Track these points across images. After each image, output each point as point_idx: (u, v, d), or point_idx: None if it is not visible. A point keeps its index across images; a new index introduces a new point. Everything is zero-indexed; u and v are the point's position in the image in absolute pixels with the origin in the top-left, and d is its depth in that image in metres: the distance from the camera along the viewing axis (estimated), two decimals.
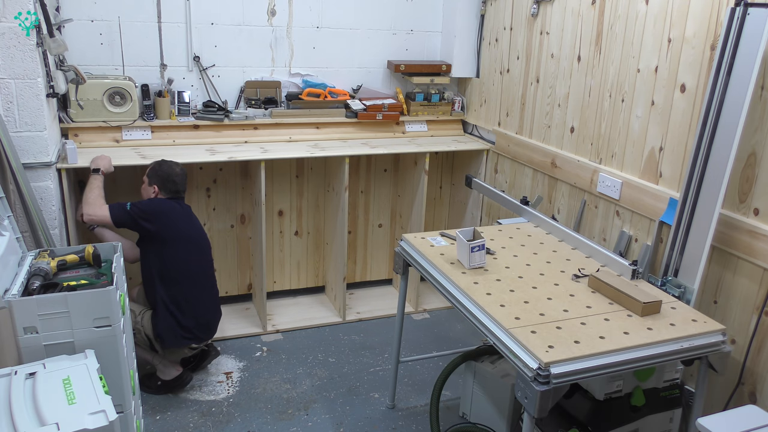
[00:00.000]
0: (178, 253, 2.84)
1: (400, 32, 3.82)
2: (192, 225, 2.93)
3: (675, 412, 2.16)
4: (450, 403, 2.95)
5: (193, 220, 2.95)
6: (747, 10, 1.99)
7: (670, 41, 2.38)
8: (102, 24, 3.22)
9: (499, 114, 3.57)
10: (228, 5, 3.42)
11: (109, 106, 3.18)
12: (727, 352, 1.99)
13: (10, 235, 2.18)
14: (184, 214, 2.91)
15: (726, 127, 2.06)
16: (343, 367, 3.24)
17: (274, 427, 2.76)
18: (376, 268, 4.13)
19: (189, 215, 2.94)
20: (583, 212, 2.90)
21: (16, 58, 2.58)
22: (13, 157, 2.57)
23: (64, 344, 1.94)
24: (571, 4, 2.90)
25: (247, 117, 3.46)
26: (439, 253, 2.49)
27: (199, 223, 3.00)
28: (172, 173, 2.87)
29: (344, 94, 3.69)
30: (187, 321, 2.84)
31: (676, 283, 2.25)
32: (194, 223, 2.96)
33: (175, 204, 2.88)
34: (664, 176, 2.46)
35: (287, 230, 3.84)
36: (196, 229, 2.96)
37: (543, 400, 1.75)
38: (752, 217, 2.10)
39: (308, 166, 3.75)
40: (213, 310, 3.01)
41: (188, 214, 2.94)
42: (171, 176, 2.86)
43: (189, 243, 2.89)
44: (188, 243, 2.88)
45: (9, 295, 1.91)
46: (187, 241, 2.88)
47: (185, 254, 2.87)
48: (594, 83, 2.79)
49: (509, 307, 2.07)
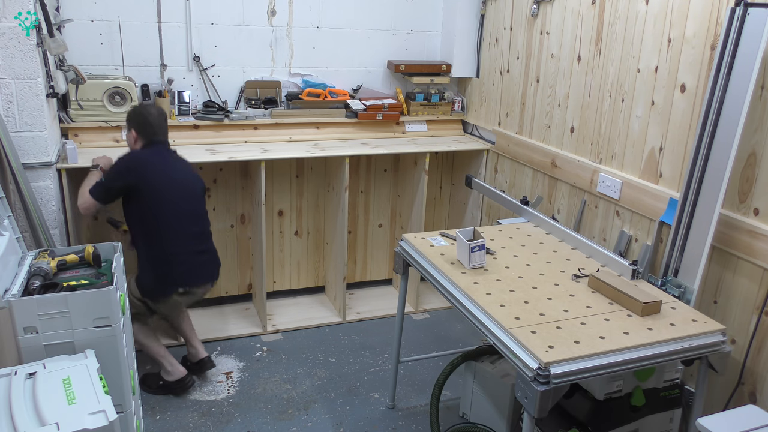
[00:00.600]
0: (156, 204, 2.74)
1: (400, 32, 3.82)
2: (172, 169, 2.81)
3: (675, 412, 2.16)
4: (450, 403, 2.95)
5: (175, 165, 2.84)
6: (747, 10, 1.99)
7: (670, 41, 2.38)
8: (102, 24, 3.22)
9: (499, 114, 3.57)
10: (228, 5, 3.42)
11: (109, 106, 3.18)
12: (727, 352, 1.99)
13: (10, 235, 2.18)
14: (160, 161, 2.80)
15: (726, 127, 2.06)
16: (343, 367, 3.24)
17: (274, 427, 2.76)
18: (376, 268, 4.13)
19: (166, 161, 2.82)
20: (583, 212, 2.90)
21: (16, 58, 2.59)
22: (13, 157, 2.57)
23: (64, 344, 1.94)
24: (571, 4, 2.90)
25: (247, 117, 3.46)
26: (439, 253, 2.49)
27: (184, 165, 2.88)
28: (147, 114, 2.80)
29: (344, 94, 3.69)
30: (172, 268, 2.77)
31: (676, 283, 2.25)
32: (176, 166, 2.84)
33: (147, 153, 2.79)
34: (664, 176, 2.46)
35: (287, 230, 3.84)
36: (179, 172, 2.83)
37: (543, 400, 1.75)
38: (752, 217, 2.10)
39: (308, 166, 3.75)
40: (203, 253, 2.89)
41: (166, 160, 2.82)
42: (147, 118, 2.79)
43: (167, 190, 2.77)
44: (166, 190, 2.76)
45: (9, 295, 1.91)
46: (164, 188, 2.76)
47: (164, 202, 2.76)
48: (594, 83, 2.79)
49: (509, 307, 2.07)
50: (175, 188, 2.80)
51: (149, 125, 2.79)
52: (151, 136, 2.80)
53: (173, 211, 2.79)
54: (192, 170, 2.91)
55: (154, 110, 2.82)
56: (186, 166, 2.89)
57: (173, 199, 2.79)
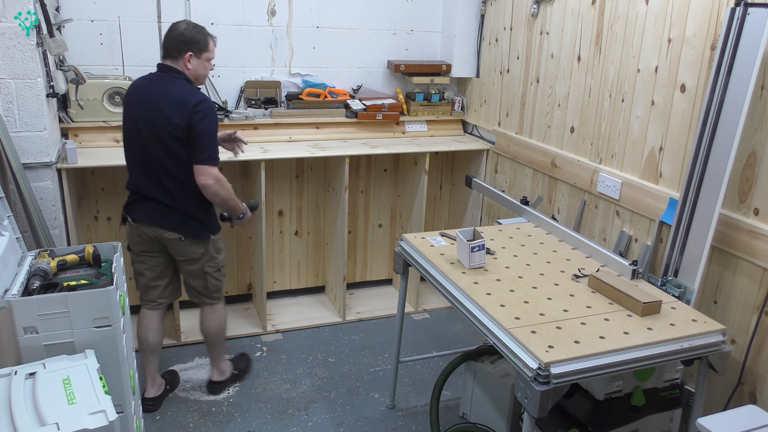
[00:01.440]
0: (124, 136, 2.61)
1: (400, 32, 3.82)
2: (144, 101, 2.51)
3: (675, 412, 2.16)
4: (450, 403, 2.95)
5: (151, 97, 2.49)
6: (747, 10, 1.99)
7: (670, 41, 2.38)
8: (102, 24, 3.22)
9: (499, 114, 3.57)
10: (228, 5, 3.42)
11: (109, 105, 3.18)
12: (727, 352, 1.99)
13: (10, 235, 2.18)
14: (139, 92, 2.56)
15: (726, 127, 2.06)
16: (343, 367, 3.24)
17: (274, 427, 2.76)
18: (376, 268, 4.13)
19: (145, 91, 2.54)
20: (583, 212, 2.90)
21: (16, 58, 2.59)
22: (13, 157, 2.57)
23: (64, 344, 1.93)
24: (571, 4, 2.90)
25: (247, 117, 3.46)
26: (439, 253, 2.49)
27: (161, 98, 2.47)
28: (167, 32, 2.55)
29: (344, 94, 3.69)
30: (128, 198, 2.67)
31: (676, 283, 2.25)
32: (151, 98, 2.49)
33: (139, 80, 2.60)
34: (664, 176, 2.46)
35: (287, 230, 3.84)
36: (147, 107, 2.48)
37: (543, 400, 1.75)
38: (752, 217, 2.10)
39: (308, 166, 3.75)
40: (147, 199, 2.60)
41: (145, 89, 2.54)
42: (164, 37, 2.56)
43: (128, 124, 2.56)
44: (127, 125, 2.57)
45: (9, 295, 1.91)
46: (127, 122, 2.57)
47: (125, 137, 2.59)
48: (594, 83, 2.79)
49: (509, 307, 2.07)
50: (135, 124, 2.53)
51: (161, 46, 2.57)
52: (161, 59, 2.58)
53: (128, 150, 2.61)
54: (167, 105, 2.45)
55: (174, 26, 2.54)
56: (160, 100, 2.46)
57: (129, 137, 2.58)
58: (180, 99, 2.46)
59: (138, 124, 2.52)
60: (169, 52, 2.54)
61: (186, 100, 2.45)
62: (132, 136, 2.57)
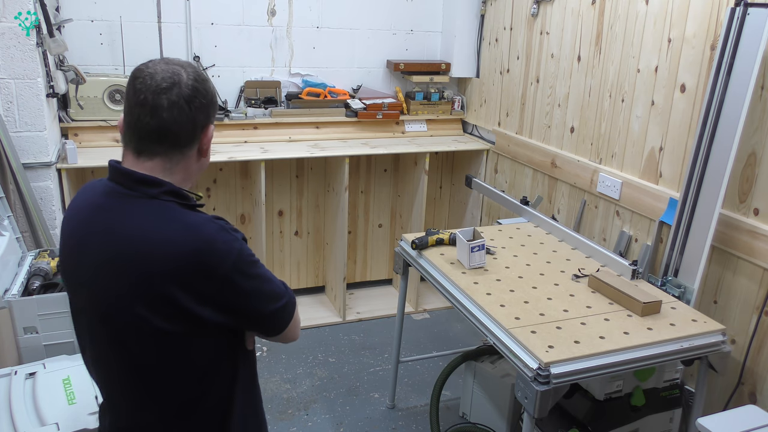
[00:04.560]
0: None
1: (400, 32, 3.82)
2: (89, 251, 1.19)
3: (675, 412, 2.16)
4: (450, 403, 2.95)
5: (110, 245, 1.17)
6: (747, 10, 1.99)
7: (670, 41, 2.38)
8: (102, 24, 3.22)
9: (499, 114, 3.57)
10: (228, 5, 3.42)
11: (110, 104, 3.17)
12: (727, 352, 1.99)
13: (10, 235, 2.19)
14: (81, 234, 1.22)
15: (726, 127, 2.06)
16: (343, 367, 3.24)
17: (274, 427, 2.76)
18: (376, 268, 4.13)
19: (89, 239, 1.20)
20: (583, 212, 2.90)
21: (16, 58, 2.59)
22: (13, 157, 2.57)
23: (64, 344, 1.94)
24: (571, 4, 2.90)
25: (247, 117, 3.46)
26: (439, 253, 2.49)
27: (136, 241, 1.15)
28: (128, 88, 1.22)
29: (344, 94, 3.69)
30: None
31: (676, 283, 2.25)
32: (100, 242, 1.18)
33: (74, 212, 1.26)
34: (664, 176, 2.46)
35: (287, 230, 3.84)
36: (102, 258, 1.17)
37: (543, 400, 1.75)
38: (752, 217, 2.10)
39: (308, 166, 3.75)
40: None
41: (87, 235, 1.20)
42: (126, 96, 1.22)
43: (72, 301, 1.29)
44: (72, 302, 1.30)
45: (9, 295, 1.91)
46: (67, 285, 1.30)
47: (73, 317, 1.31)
48: (594, 83, 2.79)
49: (509, 307, 2.07)
50: (79, 298, 1.25)
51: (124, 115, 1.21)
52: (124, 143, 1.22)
53: (80, 345, 1.35)
54: (160, 271, 1.13)
55: (159, 81, 1.18)
56: (135, 259, 1.14)
57: (75, 313, 1.29)
58: (190, 251, 1.14)
59: (84, 305, 1.24)
60: (153, 141, 1.19)
61: (200, 249, 1.15)
62: (78, 315, 1.28)
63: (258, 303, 1.26)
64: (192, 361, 1.22)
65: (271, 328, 1.32)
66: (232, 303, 1.21)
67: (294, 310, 1.34)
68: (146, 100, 1.17)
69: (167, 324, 1.16)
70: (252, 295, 1.23)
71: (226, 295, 1.19)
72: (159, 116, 1.17)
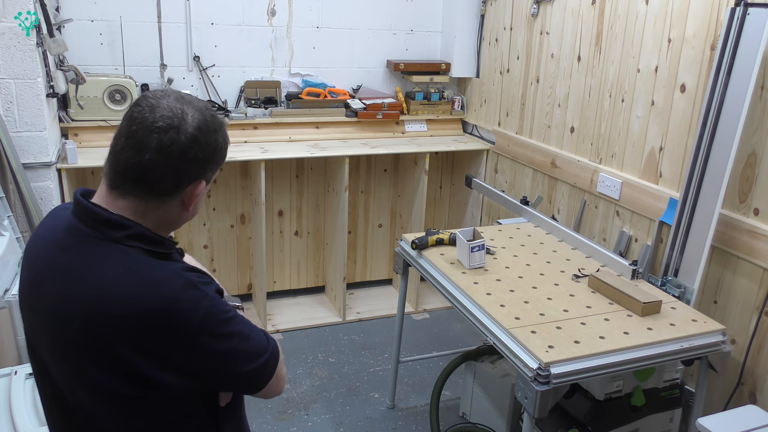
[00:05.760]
0: None
1: (399, 32, 3.82)
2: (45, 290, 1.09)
3: (675, 412, 2.16)
4: (450, 403, 2.95)
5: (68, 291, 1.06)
6: (747, 10, 1.99)
7: (670, 41, 2.38)
8: (102, 24, 3.22)
9: (499, 114, 3.57)
10: (228, 5, 3.42)
11: (110, 104, 3.17)
12: (727, 352, 1.99)
13: (10, 235, 2.19)
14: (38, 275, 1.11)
15: (726, 127, 2.06)
16: (343, 367, 3.24)
17: (274, 427, 2.76)
18: (376, 268, 4.13)
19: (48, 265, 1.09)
20: (583, 212, 2.90)
21: (16, 58, 2.59)
22: (13, 157, 2.57)
23: None
24: (571, 4, 2.90)
25: (247, 117, 3.46)
26: (439, 253, 2.49)
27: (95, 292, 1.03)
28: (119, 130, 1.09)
29: (344, 94, 3.69)
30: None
31: (676, 283, 2.25)
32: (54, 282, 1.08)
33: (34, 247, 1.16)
34: (664, 176, 2.46)
35: (287, 230, 3.84)
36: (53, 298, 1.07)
37: (543, 400, 1.75)
38: (752, 217, 2.10)
39: (308, 166, 3.75)
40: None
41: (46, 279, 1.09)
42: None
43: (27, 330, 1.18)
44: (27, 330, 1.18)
45: (9, 295, 1.91)
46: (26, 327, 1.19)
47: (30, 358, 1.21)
48: (594, 83, 2.79)
49: (509, 307, 2.07)
50: (34, 334, 1.15)
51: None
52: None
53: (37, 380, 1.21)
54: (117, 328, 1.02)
55: (146, 106, 1.06)
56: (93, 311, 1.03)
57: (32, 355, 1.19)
58: (149, 311, 1.02)
59: (37, 341, 1.15)
60: (129, 179, 1.07)
61: (161, 309, 1.03)
62: (36, 358, 1.17)
63: (232, 365, 1.12)
64: (155, 419, 1.11)
65: (248, 387, 1.19)
66: (201, 368, 1.08)
67: (276, 364, 1.19)
68: (135, 133, 1.04)
69: (121, 387, 1.04)
70: (225, 358, 1.09)
71: (193, 361, 1.06)
72: (142, 156, 1.03)
